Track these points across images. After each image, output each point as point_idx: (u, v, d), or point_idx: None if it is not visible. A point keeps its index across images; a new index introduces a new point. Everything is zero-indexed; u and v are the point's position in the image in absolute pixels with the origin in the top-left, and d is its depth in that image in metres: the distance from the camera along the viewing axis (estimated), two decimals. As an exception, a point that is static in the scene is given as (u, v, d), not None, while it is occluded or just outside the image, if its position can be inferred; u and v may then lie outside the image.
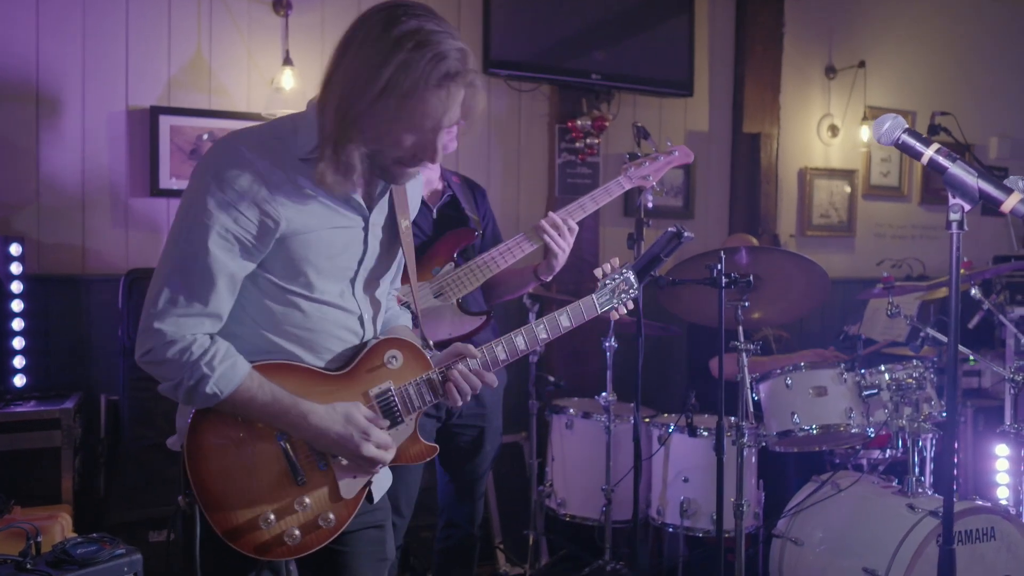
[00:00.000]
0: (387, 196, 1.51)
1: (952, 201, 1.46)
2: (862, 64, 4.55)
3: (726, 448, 2.86)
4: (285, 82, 3.34)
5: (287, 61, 3.35)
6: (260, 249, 1.36)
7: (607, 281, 1.66)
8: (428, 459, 1.56)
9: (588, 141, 3.75)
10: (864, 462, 3.09)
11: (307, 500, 1.43)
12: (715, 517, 2.89)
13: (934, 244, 4.92)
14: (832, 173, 4.61)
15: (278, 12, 3.40)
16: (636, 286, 1.67)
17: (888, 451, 3.02)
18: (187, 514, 1.37)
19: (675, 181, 4.20)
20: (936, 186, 4.93)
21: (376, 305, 1.55)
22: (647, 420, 3.11)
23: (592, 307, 1.64)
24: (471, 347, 1.54)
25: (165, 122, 3.24)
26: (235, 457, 1.38)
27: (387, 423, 1.48)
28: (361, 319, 1.50)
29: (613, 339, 2.98)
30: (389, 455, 1.45)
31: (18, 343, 2.85)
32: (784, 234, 4.47)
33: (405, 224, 1.56)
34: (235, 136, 1.37)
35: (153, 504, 2.87)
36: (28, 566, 2.05)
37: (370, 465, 1.45)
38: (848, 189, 4.66)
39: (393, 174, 1.40)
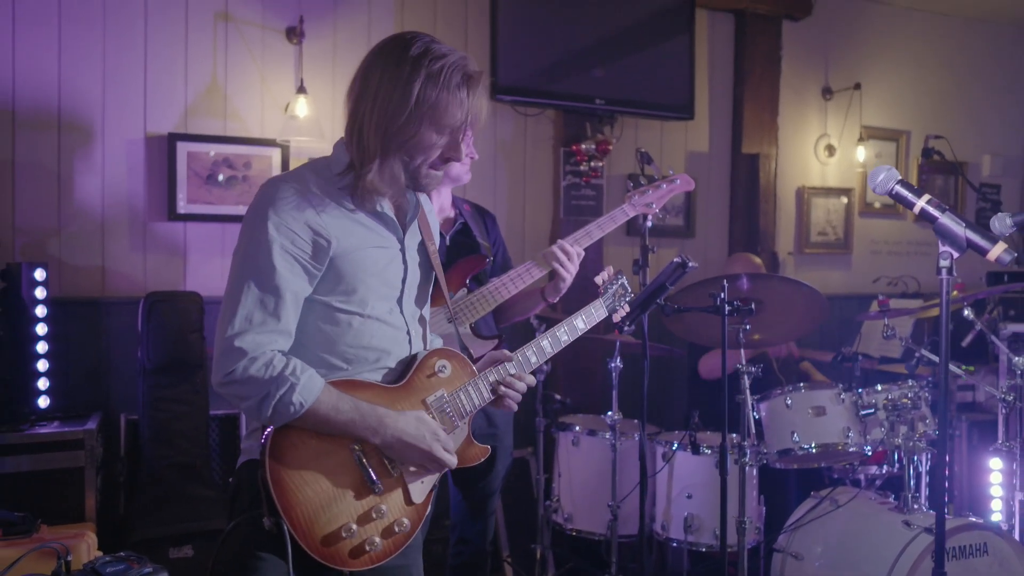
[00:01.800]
0: (416, 223, 1.65)
1: (942, 248, 1.56)
2: (858, 86, 4.66)
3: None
4: (299, 110, 3.44)
5: (301, 89, 3.45)
6: (317, 268, 1.47)
7: (608, 287, 1.91)
8: (482, 460, 1.65)
9: (592, 164, 3.85)
10: (862, 477, 3.19)
11: (383, 507, 1.51)
12: (718, 533, 3.00)
13: (928, 260, 5.02)
14: (829, 192, 4.72)
15: (291, 40, 3.51)
16: (630, 291, 1.91)
17: (884, 467, 3.12)
18: (272, 534, 1.42)
19: (676, 201, 4.30)
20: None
21: (420, 323, 1.67)
22: (651, 438, 3.20)
23: (601, 309, 1.88)
24: (506, 351, 1.68)
25: (182, 148, 3.34)
26: (315, 472, 1.45)
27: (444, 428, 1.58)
28: (408, 335, 1.61)
29: (619, 360, 3.08)
30: (455, 458, 1.56)
31: (42, 365, 2.94)
32: (783, 252, 4.58)
33: (432, 248, 1.70)
34: (281, 175, 1.53)
35: (172, 521, 2.95)
36: (61, 585, 2.14)
37: (438, 467, 1.54)
38: (845, 207, 4.76)
39: (425, 179, 1.53)
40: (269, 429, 1.44)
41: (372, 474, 1.50)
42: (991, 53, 5.21)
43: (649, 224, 2.86)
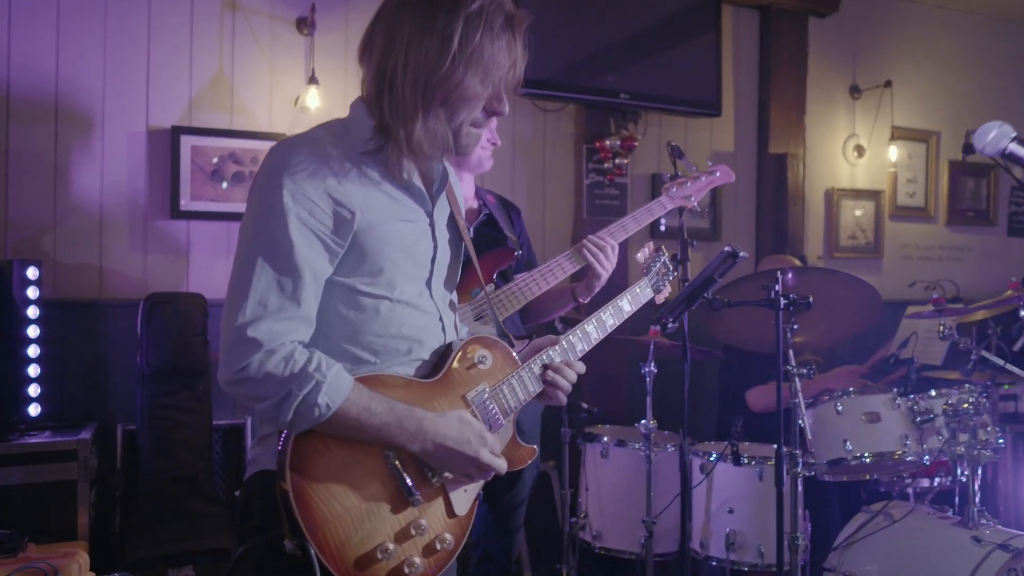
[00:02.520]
0: (444, 195, 1.44)
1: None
2: (888, 84, 4.50)
3: (770, 477, 2.75)
4: (311, 101, 3.26)
5: (312, 80, 3.28)
6: (339, 244, 1.26)
7: (651, 266, 1.76)
8: (529, 462, 1.46)
9: (617, 161, 3.68)
10: (910, 492, 2.97)
11: (423, 522, 1.30)
12: (763, 550, 2.78)
13: (961, 266, 4.83)
14: (859, 194, 4.54)
15: (302, 31, 3.34)
16: (672, 269, 1.78)
17: (936, 480, 2.90)
18: (296, 558, 1.20)
19: (701, 202, 4.10)
20: (962, 207, 4.86)
21: (451, 309, 1.47)
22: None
23: (646, 289, 1.72)
24: (552, 336, 1.50)
25: (186, 142, 3.15)
26: (344, 484, 1.24)
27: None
28: (441, 321, 1.41)
29: (653, 364, 2.87)
30: (504, 462, 1.35)
31: (33, 370, 2.73)
32: (812, 256, 4.38)
33: (462, 222, 1.50)
34: (293, 137, 1.30)
35: (172, 540, 2.74)
36: (48, 609, 1.93)
37: (485, 474, 1.34)
38: (875, 209, 4.58)
39: (466, 139, 1.33)
40: (286, 434, 1.22)
41: (409, 483, 1.28)
42: (1020, 54, 5.06)
43: (663, 228, 2.69)
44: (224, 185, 3.20)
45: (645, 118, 3.91)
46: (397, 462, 1.27)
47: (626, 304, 1.64)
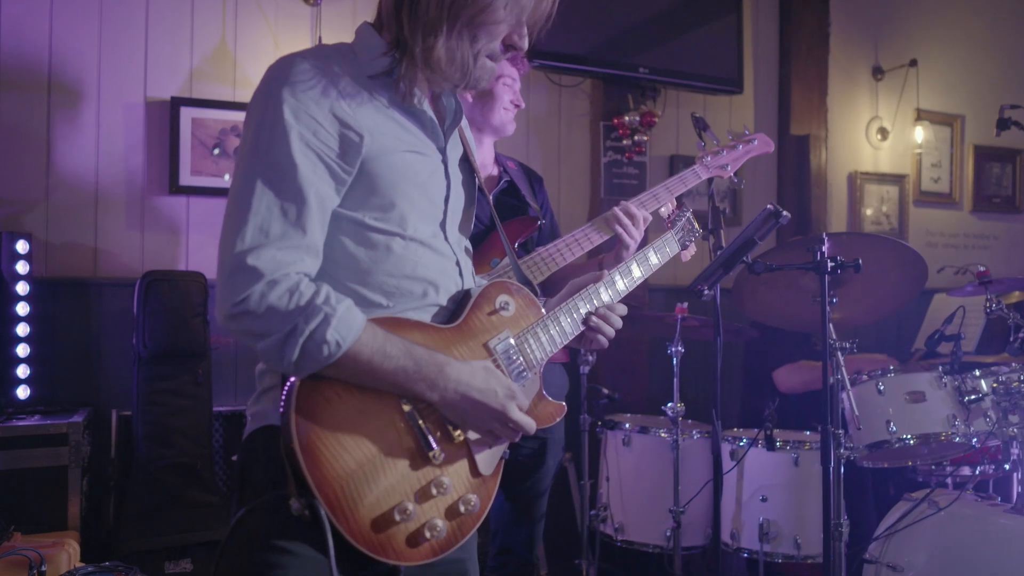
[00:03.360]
0: (456, 135, 1.32)
1: None
2: (913, 63, 4.35)
3: (806, 463, 2.59)
4: (316, 71, 3.11)
5: (318, 49, 3.13)
6: (346, 171, 1.13)
7: (676, 220, 1.65)
8: (557, 420, 1.32)
9: (636, 138, 3.53)
10: (949, 482, 2.80)
11: (446, 480, 1.15)
12: (799, 540, 2.61)
13: (986, 254, 4.67)
14: (882, 178, 4.39)
15: (308, 1, 3.20)
16: (697, 227, 1.66)
17: (979, 468, 2.73)
18: (304, 520, 1.06)
19: (720, 185, 3.96)
20: (988, 193, 4.71)
21: (467, 255, 1.33)
22: (708, 434, 2.82)
23: (672, 243, 1.61)
24: (596, 272, 1.39)
25: (187, 114, 3.00)
26: (357, 436, 1.09)
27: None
28: (458, 266, 1.27)
29: (680, 344, 2.70)
30: (532, 420, 1.21)
31: (22, 350, 2.57)
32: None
33: (476, 161, 1.38)
34: (297, 53, 1.16)
35: (169, 531, 2.57)
36: (32, 599, 1.76)
37: (512, 432, 1.20)
38: (899, 194, 4.42)
39: (480, 71, 1.21)
40: (292, 381, 1.07)
41: (430, 437, 1.14)
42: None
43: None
44: (226, 158, 3.05)
45: (664, 95, 3.76)
46: (416, 413, 1.14)
47: (653, 256, 1.53)
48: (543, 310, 1.32)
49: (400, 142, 1.18)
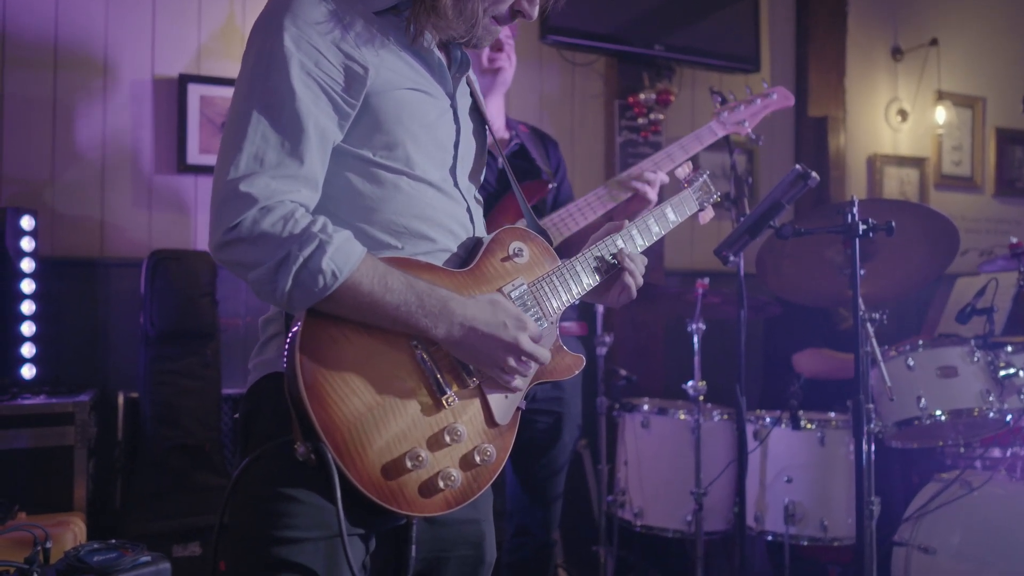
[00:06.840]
0: (464, 81, 1.27)
1: None
2: (934, 42, 4.26)
3: (833, 442, 2.51)
4: (326, 47, 3.06)
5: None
6: (350, 104, 1.08)
7: (694, 179, 1.59)
8: (576, 372, 1.25)
9: (652, 116, 3.45)
10: (978, 464, 2.71)
11: (460, 428, 1.09)
12: (826, 522, 2.52)
13: (1008, 240, 4.56)
14: (902, 161, 4.30)
15: (316, -23, 3.14)
16: (715, 190, 1.59)
17: (1010, 449, 2.64)
18: (309, 465, 1.00)
19: (737, 167, 3.89)
20: (1011, 176, 4.61)
21: (479, 204, 1.27)
22: (732, 417, 2.73)
23: (691, 202, 1.52)
24: (616, 223, 1.33)
25: (195, 91, 2.95)
26: (365, 377, 1.04)
27: None
28: (469, 212, 1.21)
29: (701, 321, 2.62)
30: (547, 351, 1.15)
31: (27, 329, 2.52)
32: (854, 225, 4.14)
33: (485, 110, 1.32)
34: None
35: (177, 514, 2.50)
36: (35, 574, 1.70)
37: (525, 365, 1.13)
38: (919, 178, 4.33)
39: (483, 31, 1.18)
40: (297, 324, 1.01)
41: (440, 379, 1.08)
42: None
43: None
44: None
45: (679, 75, 3.69)
46: (426, 355, 1.08)
47: (671, 213, 1.46)
48: (558, 258, 1.26)
49: (406, 79, 1.13)
